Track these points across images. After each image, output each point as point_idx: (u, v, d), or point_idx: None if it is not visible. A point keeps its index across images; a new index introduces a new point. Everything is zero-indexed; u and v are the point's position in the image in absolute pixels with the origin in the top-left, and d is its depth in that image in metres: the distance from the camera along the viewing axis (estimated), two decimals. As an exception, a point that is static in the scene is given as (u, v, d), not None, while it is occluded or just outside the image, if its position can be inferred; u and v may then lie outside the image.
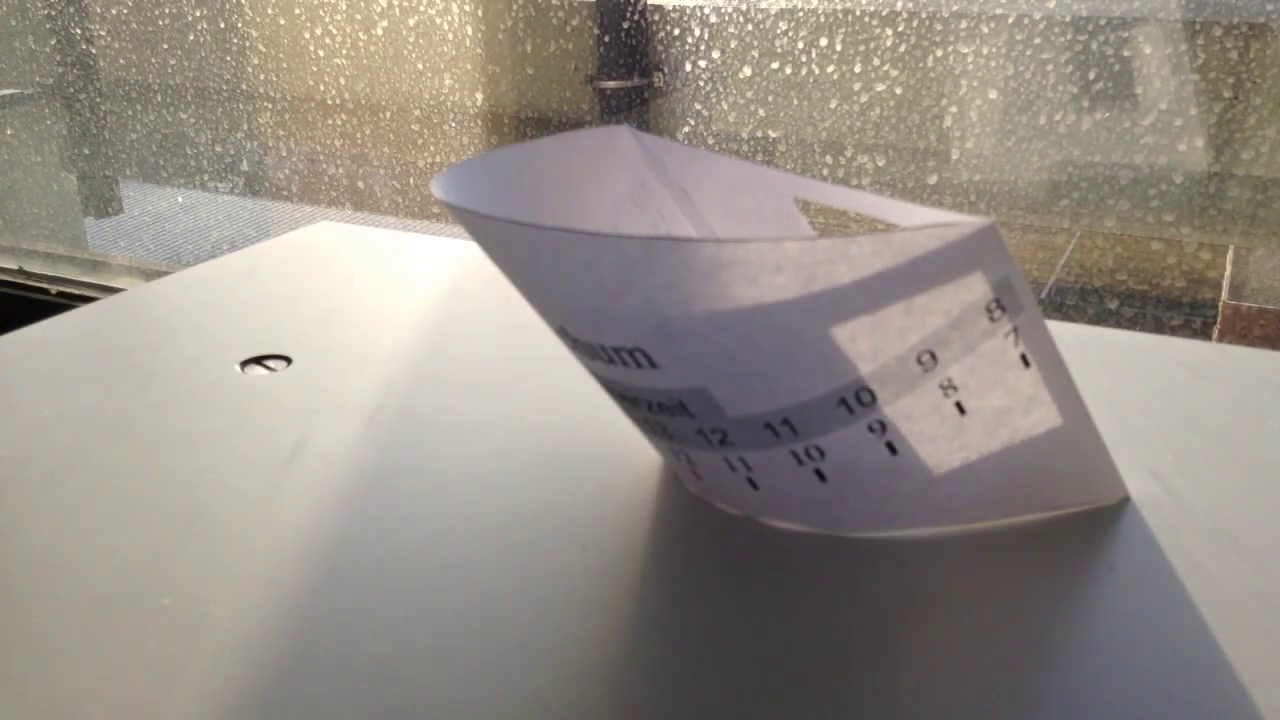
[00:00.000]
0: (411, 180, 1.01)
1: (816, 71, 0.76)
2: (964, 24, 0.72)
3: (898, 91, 0.75)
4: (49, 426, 0.35)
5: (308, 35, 0.96)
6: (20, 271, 1.08)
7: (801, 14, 0.76)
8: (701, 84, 0.81)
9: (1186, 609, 0.25)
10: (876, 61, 0.74)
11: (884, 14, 0.73)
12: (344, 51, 0.95)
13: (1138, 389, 0.38)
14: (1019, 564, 0.27)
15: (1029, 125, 0.71)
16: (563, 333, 0.28)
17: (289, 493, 0.31)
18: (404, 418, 0.36)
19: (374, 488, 0.31)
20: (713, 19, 0.79)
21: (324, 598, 0.26)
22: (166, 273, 0.52)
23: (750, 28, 0.78)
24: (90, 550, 0.28)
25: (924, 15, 0.72)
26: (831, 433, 0.26)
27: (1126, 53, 0.68)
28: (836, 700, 0.23)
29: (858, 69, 0.75)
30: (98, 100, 1.11)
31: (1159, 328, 0.75)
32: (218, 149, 1.08)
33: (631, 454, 0.33)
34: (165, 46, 1.04)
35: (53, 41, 1.11)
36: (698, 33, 0.80)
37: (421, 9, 0.90)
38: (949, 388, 0.26)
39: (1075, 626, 0.25)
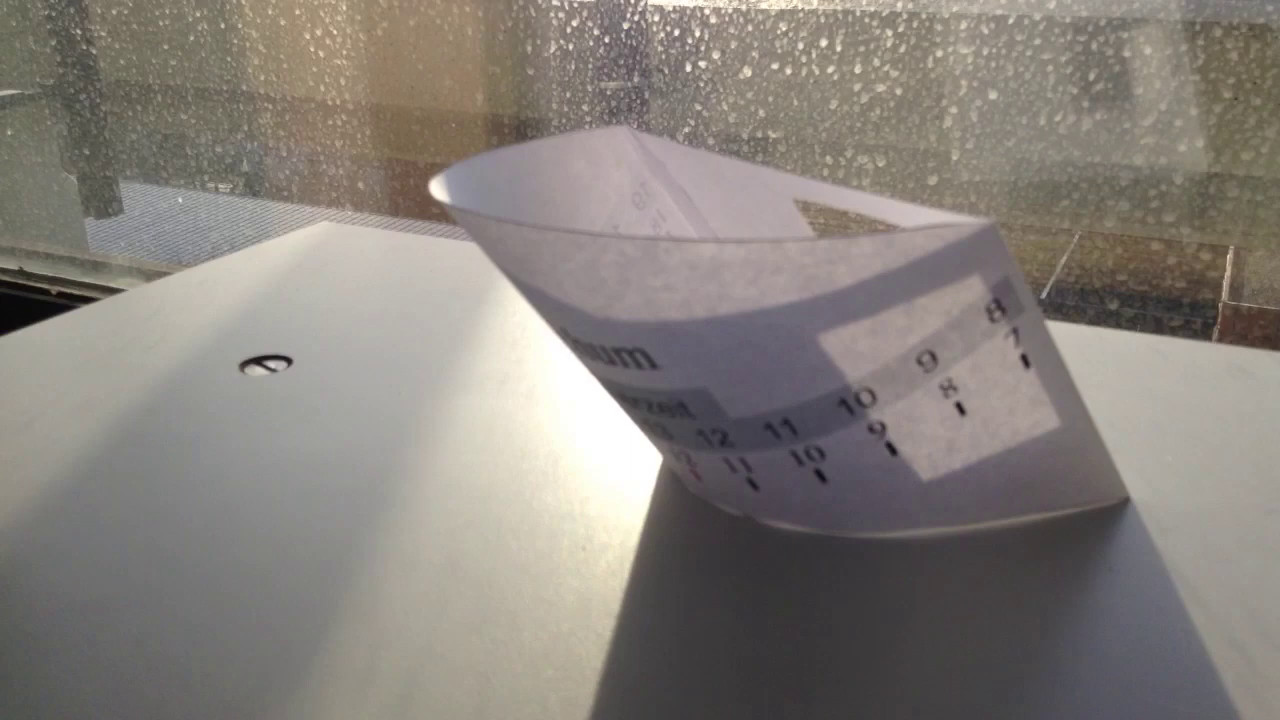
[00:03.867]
0: (412, 181, 1.01)
1: (816, 72, 0.76)
2: (964, 25, 0.72)
3: (898, 92, 0.75)
4: (48, 427, 0.35)
5: (308, 36, 0.96)
6: (20, 272, 1.08)
7: (801, 15, 0.76)
8: (701, 84, 0.81)
9: (1185, 609, 0.25)
10: (876, 62, 0.74)
11: (884, 15, 0.73)
12: (344, 52, 0.95)
13: (1137, 390, 0.38)
14: (1019, 564, 0.27)
15: (1029, 126, 0.71)
16: (563, 333, 0.28)
17: (289, 493, 0.31)
18: (404, 418, 0.36)
19: (374, 488, 0.31)
20: (713, 20, 0.79)
21: (323, 598, 0.26)
22: (166, 273, 0.52)
23: (750, 28, 0.78)
24: (89, 551, 0.28)
25: (924, 16, 0.72)
26: (832, 433, 0.26)
27: (1126, 53, 0.68)
28: (836, 701, 0.23)
29: (858, 70, 0.75)
30: (98, 101, 1.11)
31: (1159, 328, 0.75)
32: (218, 149, 1.08)
33: (631, 454, 0.33)
34: (165, 47, 1.04)
35: (53, 42, 1.11)
36: (698, 33, 0.80)
37: (422, 10, 0.90)
38: (949, 388, 0.26)
39: (1074, 627, 0.25)
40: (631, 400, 0.29)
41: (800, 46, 0.76)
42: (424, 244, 0.55)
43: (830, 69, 0.76)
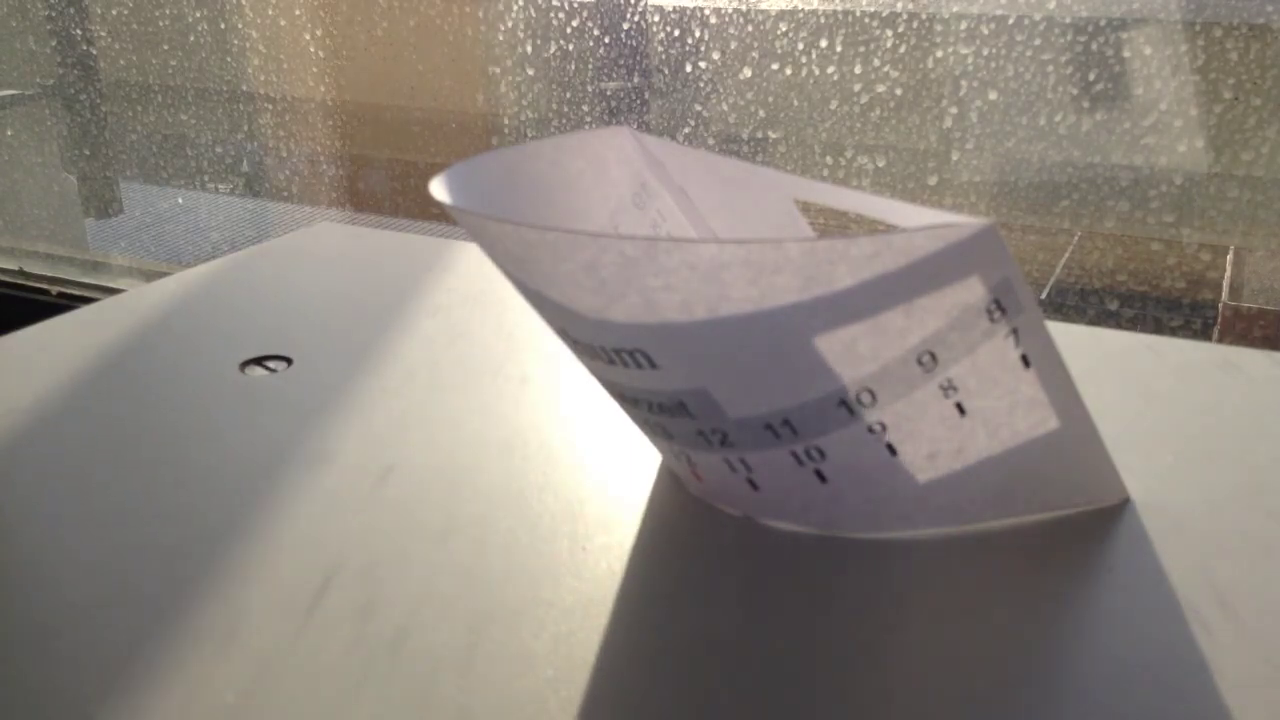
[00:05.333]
0: (412, 181, 1.01)
1: (816, 72, 0.76)
2: (964, 25, 0.72)
3: (898, 92, 0.75)
4: (48, 427, 0.35)
5: (308, 36, 0.96)
6: (20, 272, 1.08)
7: (801, 15, 0.76)
8: (701, 85, 0.81)
9: (1185, 609, 0.25)
10: (876, 62, 0.74)
11: (884, 15, 0.73)
12: (344, 53, 0.95)
13: (1137, 390, 0.38)
14: (1018, 564, 0.27)
15: (1029, 126, 0.71)
16: (563, 333, 0.28)
17: (289, 493, 0.31)
18: (404, 418, 0.36)
19: (373, 488, 0.31)
20: (713, 20, 0.79)
21: (322, 598, 0.26)
22: (166, 273, 0.52)
23: (750, 29, 0.78)
24: (89, 550, 0.28)
25: (924, 16, 0.72)
26: (832, 433, 0.26)
27: (1126, 54, 0.68)
28: (836, 701, 0.23)
29: (858, 70, 0.75)
30: (98, 101, 1.11)
31: (1159, 329, 0.75)
32: (218, 150, 1.08)
33: (631, 454, 0.33)
34: (165, 47, 1.04)
35: (53, 42, 1.11)
36: (698, 34, 0.80)
37: (422, 10, 0.90)
38: (949, 389, 0.26)
39: (1074, 627, 0.25)
40: (632, 401, 0.29)
41: (800, 47, 0.76)
42: (424, 244, 0.55)
43: (830, 69, 0.76)
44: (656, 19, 0.82)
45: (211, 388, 0.38)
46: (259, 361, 0.40)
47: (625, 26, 0.83)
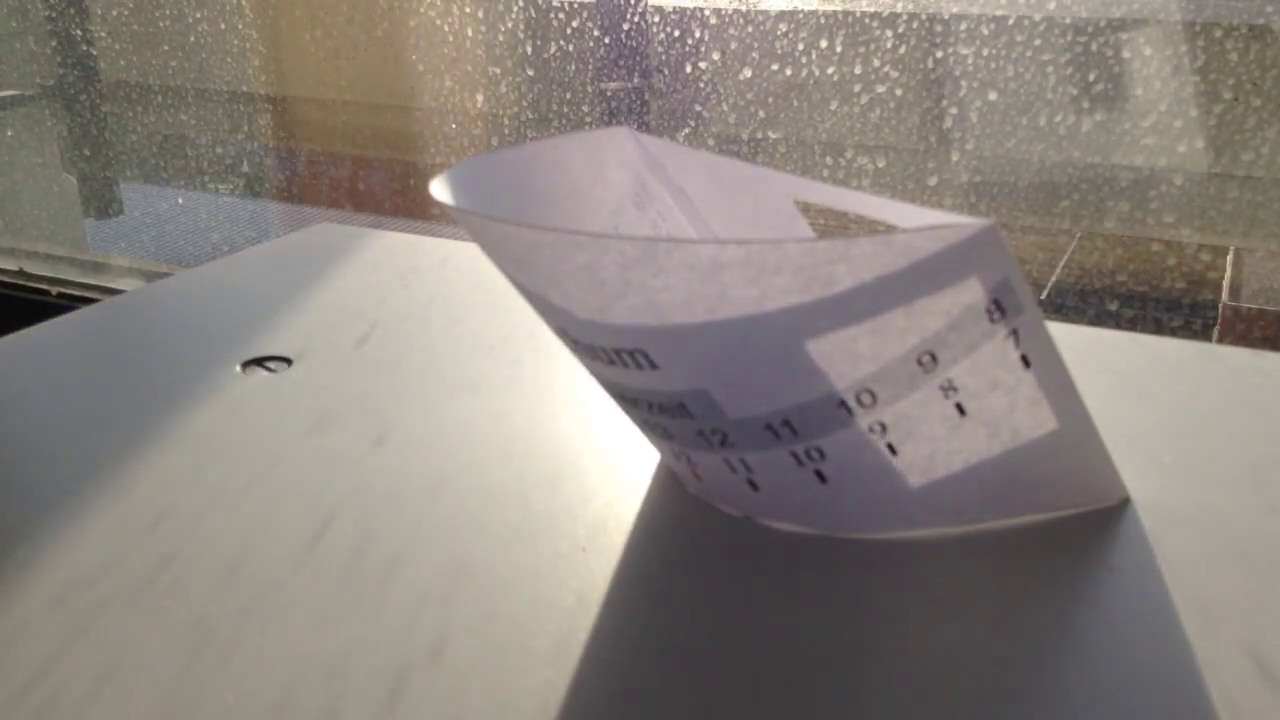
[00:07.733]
0: (411, 181, 1.01)
1: (816, 73, 0.76)
2: (964, 25, 0.72)
3: (898, 93, 0.75)
4: (49, 428, 0.35)
5: (308, 36, 0.96)
6: (20, 272, 1.08)
7: (801, 15, 0.76)
8: (702, 85, 0.81)
9: (1186, 609, 0.25)
10: (876, 63, 0.74)
11: (884, 15, 0.73)
12: (344, 53, 0.95)
13: (1137, 390, 0.38)
14: (1019, 564, 0.27)
15: (1029, 127, 0.71)
16: (563, 334, 0.28)
17: (288, 494, 0.31)
18: (403, 418, 0.36)
19: (373, 488, 0.31)
20: (713, 20, 0.79)
21: (323, 599, 0.26)
22: (166, 273, 0.52)
23: (750, 29, 0.78)
24: (90, 551, 0.28)
25: (924, 16, 0.72)
26: (832, 434, 0.26)
27: (1126, 54, 0.68)
28: (836, 701, 0.23)
29: (858, 70, 0.75)
30: (98, 101, 1.11)
31: (1159, 329, 0.75)
32: (218, 150, 1.08)
33: (631, 454, 0.33)
34: (166, 47, 1.04)
35: (53, 42, 1.11)
36: (698, 34, 0.80)
37: (422, 10, 0.91)
38: (949, 389, 0.26)
39: (1075, 626, 0.25)
40: (632, 401, 0.29)
41: (800, 47, 0.76)
42: (424, 244, 0.55)
43: (830, 69, 0.76)
44: (656, 19, 0.82)
45: (212, 389, 0.38)
46: (259, 362, 0.40)
47: (625, 27, 0.83)
